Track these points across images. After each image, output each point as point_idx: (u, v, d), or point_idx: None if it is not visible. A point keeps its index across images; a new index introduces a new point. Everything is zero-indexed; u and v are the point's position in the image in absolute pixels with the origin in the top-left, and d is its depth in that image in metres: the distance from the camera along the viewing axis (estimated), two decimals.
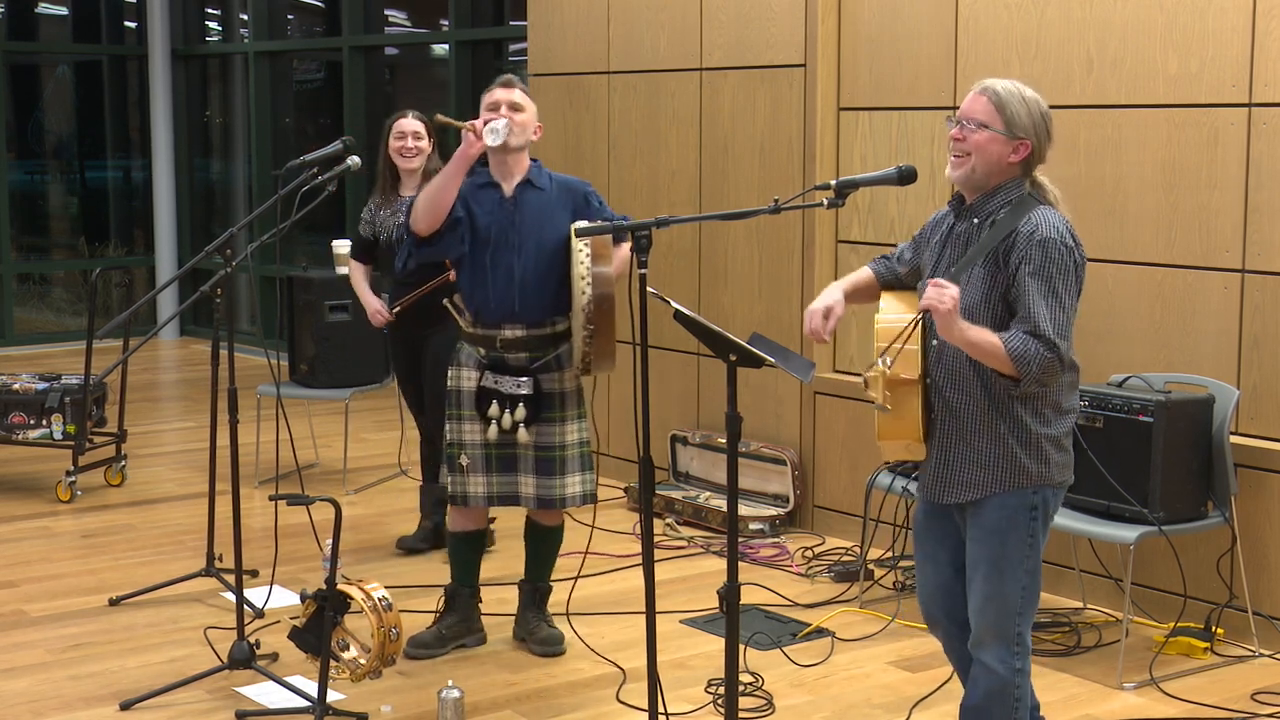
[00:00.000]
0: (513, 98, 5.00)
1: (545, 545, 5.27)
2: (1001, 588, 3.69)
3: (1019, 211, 3.62)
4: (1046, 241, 3.56)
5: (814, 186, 4.18)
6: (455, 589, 5.26)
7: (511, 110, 4.97)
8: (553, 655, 5.17)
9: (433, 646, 5.17)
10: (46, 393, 7.21)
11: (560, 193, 5.07)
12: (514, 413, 5.02)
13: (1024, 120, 3.63)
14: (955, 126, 3.67)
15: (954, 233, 3.76)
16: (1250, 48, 5.23)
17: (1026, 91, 3.67)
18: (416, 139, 6.16)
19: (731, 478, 3.64)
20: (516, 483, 5.09)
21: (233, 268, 4.89)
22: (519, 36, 9.54)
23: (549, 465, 5.06)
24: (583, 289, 4.82)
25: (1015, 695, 3.75)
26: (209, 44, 12.57)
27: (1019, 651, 3.73)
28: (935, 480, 3.76)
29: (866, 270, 4.03)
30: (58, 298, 12.82)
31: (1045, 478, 3.67)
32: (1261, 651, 5.22)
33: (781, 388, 6.83)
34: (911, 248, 3.95)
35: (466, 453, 5.08)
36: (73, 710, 4.76)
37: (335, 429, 8.07)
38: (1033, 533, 3.68)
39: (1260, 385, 5.31)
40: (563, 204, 5.04)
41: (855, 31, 6.51)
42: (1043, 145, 3.67)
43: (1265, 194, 5.24)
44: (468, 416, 5.09)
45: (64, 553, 6.46)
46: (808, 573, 6.14)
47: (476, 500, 5.11)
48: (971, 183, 3.69)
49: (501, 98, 4.99)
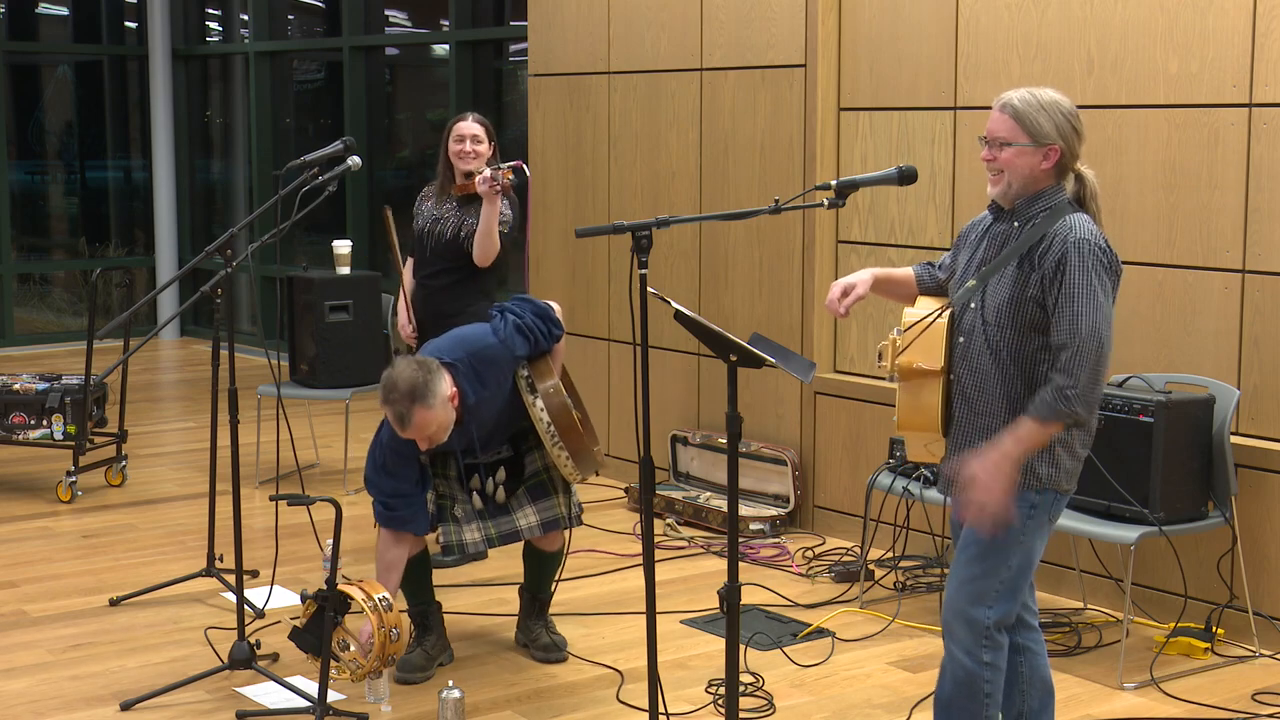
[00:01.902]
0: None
1: (546, 565, 5.24)
2: (981, 576, 3.69)
3: (1055, 216, 3.64)
4: (1080, 243, 3.58)
5: (814, 187, 4.18)
6: (424, 609, 5.15)
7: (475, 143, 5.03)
8: (554, 662, 5.17)
9: (426, 668, 5.07)
10: (47, 393, 7.21)
11: (486, 372, 4.92)
12: (494, 476, 5.05)
13: (1046, 126, 3.65)
14: (985, 149, 3.71)
15: (990, 232, 3.79)
16: (1250, 48, 5.23)
17: (1044, 96, 3.68)
18: (476, 143, 5.97)
19: (732, 478, 3.64)
20: (513, 520, 5.08)
21: (233, 268, 4.89)
22: (519, 36, 9.54)
23: (542, 489, 5.09)
24: (538, 416, 4.86)
25: (985, 690, 3.72)
26: (209, 44, 12.57)
27: (988, 645, 3.72)
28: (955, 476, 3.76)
29: (908, 270, 4.05)
30: (58, 298, 12.82)
31: (1054, 481, 3.68)
32: (1262, 651, 5.22)
33: (781, 388, 6.83)
34: (952, 253, 3.97)
35: (459, 505, 5.07)
36: (73, 710, 4.76)
37: (335, 429, 8.07)
38: (1026, 530, 3.68)
39: (1260, 385, 5.31)
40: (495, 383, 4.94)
41: (855, 31, 6.51)
42: (1072, 144, 3.68)
43: (1265, 194, 5.24)
44: (454, 476, 5.08)
45: (64, 553, 6.46)
46: (808, 573, 6.14)
47: (475, 547, 5.08)
48: (1012, 196, 3.72)
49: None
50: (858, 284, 3.86)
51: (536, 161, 7.90)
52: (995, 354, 3.66)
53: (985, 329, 3.68)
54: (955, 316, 3.75)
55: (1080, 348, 3.54)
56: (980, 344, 3.68)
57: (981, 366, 3.69)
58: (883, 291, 3.99)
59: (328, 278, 7.57)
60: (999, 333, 3.66)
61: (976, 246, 3.81)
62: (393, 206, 6.38)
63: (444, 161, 6.12)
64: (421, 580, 5.12)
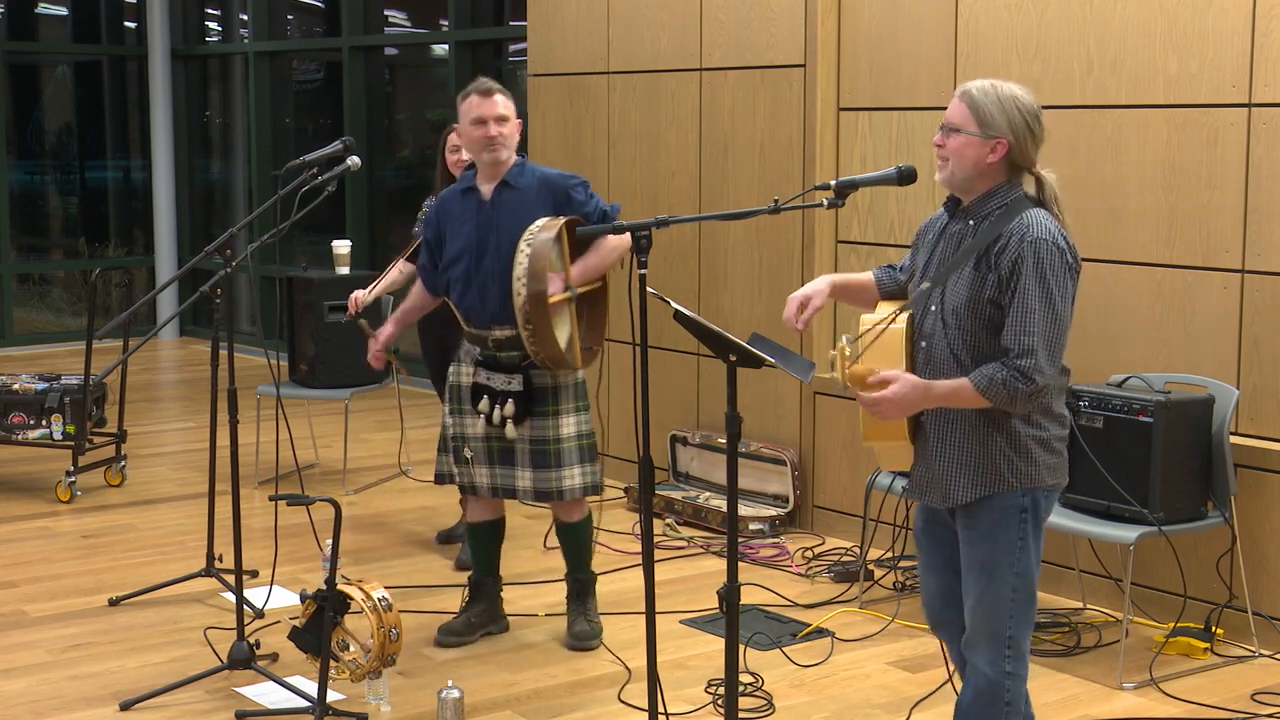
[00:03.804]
0: (497, 110, 5.06)
1: (573, 538, 5.30)
2: (991, 590, 3.68)
3: (1011, 213, 3.60)
4: (1038, 242, 3.52)
5: (814, 187, 4.16)
6: (479, 578, 5.34)
7: (499, 123, 5.05)
8: (583, 650, 5.21)
9: (463, 634, 5.26)
10: (46, 393, 7.21)
11: (540, 189, 5.09)
12: (503, 408, 5.05)
13: (998, 119, 3.58)
14: (939, 132, 3.68)
15: (947, 232, 3.73)
16: (1250, 48, 5.23)
17: (1005, 90, 3.60)
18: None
19: (731, 478, 3.63)
20: (514, 476, 5.13)
21: (233, 268, 4.89)
22: (519, 36, 9.54)
23: (543, 458, 5.09)
24: (518, 290, 4.85)
25: (1006, 699, 3.72)
26: (209, 44, 12.57)
27: (1010, 655, 3.70)
28: (925, 483, 3.75)
29: (868, 274, 4.01)
30: (58, 298, 12.82)
31: (1035, 480, 3.64)
32: (1261, 651, 5.22)
33: (781, 388, 6.83)
34: (911, 254, 3.94)
35: (470, 445, 5.15)
36: (73, 710, 4.76)
37: (335, 429, 8.07)
38: (1022, 535, 3.66)
39: (1260, 385, 5.31)
40: (541, 201, 5.06)
41: (855, 32, 6.51)
42: (1023, 143, 3.59)
43: (1265, 194, 5.24)
44: (468, 410, 5.15)
45: (64, 553, 6.46)
46: (808, 573, 6.14)
47: (484, 490, 5.18)
48: (955, 186, 3.67)
49: (488, 113, 5.05)
50: (813, 295, 3.79)
51: (536, 161, 7.88)
52: (957, 358, 3.60)
53: (946, 332, 3.62)
54: (916, 321, 3.69)
55: (1031, 349, 3.48)
56: (942, 348, 3.62)
57: (946, 371, 3.61)
58: (842, 298, 3.93)
59: (327, 278, 7.57)
60: (959, 335, 3.60)
61: (934, 247, 3.74)
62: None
63: (441, 168, 6.20)
64: (487, 549, 5.32)
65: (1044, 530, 3.74)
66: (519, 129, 5.13)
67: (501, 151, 5.06)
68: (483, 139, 5.05)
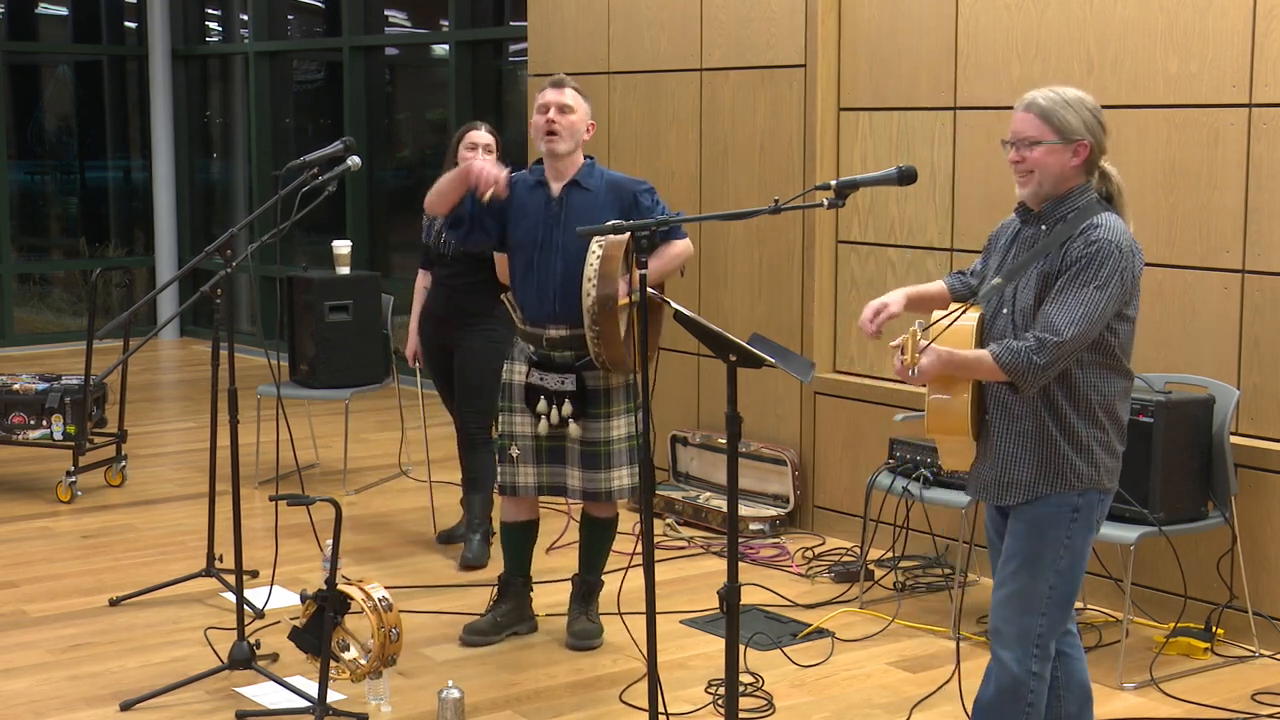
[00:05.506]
0: (563, 99, 5.07)
1: (596, 538, 5.31)
2: (1029, 584, 3.67)
3: (1083, 216, 3.62)
4: (1101, 242, 3.56)
5: (814, 187, 4.17)
6: (508, 578, 5.34)
7: (560, 112, 5.05)
8: (584, 649, 5.21)
9: (488, 634, 5.27)
10: (46, 393, 7.21)
11: (609, 193, 5.10)
12: (560, 408, 5.07)
13: (1074, 122, 3.63)
14: (1011, 150, 3.68)
15: (1020, 236, 3.76)
16: (1250, 48, 5.23)
17: (1069, 93, 3.67)
18: (488, 152, 6.04)
19: (731, 478, 3.64)
20: (565, 474, 5.15)
21: (233, 268, 4.89)
22: (519, 36, 9.54)
23: (594, 459, 5.11)
24: (588, 290, 4.85)
25: (1028, 700, 3.71)
26: (209, 44, 12.57)
27: (1038, 655, 3.70)
28: (989, 481, 3.75)
29: (940, 283, 4.02)
30: (58, 298, 12.82)
31: (1094, 481, 3.67)
32: (1261, 652, 5.22)
33: (781, 388, 6.83)
34: (982, 259, 3.95)
35: (517, 444, 5.17)
36: (73, 710, 4.76)
37: (335, 429, 8.07)
38: (1070, 534, 3.66)
39: (1260, 385, 5.31)
40: (609, 204, 5.07)
41: (855, 32, 6.51)
42: (1099, 139, 3.67)
43: (1265, 194, 5.24)
44: (518, 409, 5.17)
45: (64, 553, 6.46)
46: (808, 573, 6.14)
47: (526, 490, 5.18)
48: (1042, 196, 3.69)
49: (552, 99, 5.07)
50: (890, 303, 3.83)
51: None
52: None
53: (1016, 333, 3.65)
54: (986, 321, 3.72)
55: (1056, 327, 3.52)
56: None
57: None
58: (917, 309, 3.94)
59: (327, 278, 7.57)
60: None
61: (1006, 251, 3.79)
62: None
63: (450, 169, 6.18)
64: (520, 549, 5.32)
65: (1094, 534, 3.72)
66: (586, 128, 5.12)
67: (558, 143, 5.04)
68: (542, 124, 5.07)
